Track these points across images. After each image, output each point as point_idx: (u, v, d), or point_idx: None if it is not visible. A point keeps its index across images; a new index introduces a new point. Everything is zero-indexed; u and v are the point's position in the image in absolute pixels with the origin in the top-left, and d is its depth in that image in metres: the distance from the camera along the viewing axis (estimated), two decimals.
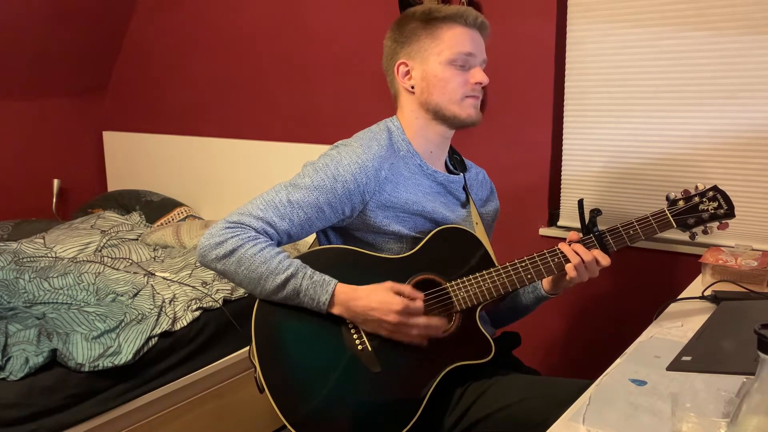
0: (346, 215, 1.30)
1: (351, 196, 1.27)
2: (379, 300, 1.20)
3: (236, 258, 1.21)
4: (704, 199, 1.30)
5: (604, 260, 1.29)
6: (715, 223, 1.31)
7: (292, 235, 1.28)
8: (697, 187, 1.32)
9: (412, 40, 1.33)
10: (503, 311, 1.50)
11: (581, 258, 1.27)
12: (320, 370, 1.21)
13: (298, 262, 1.23)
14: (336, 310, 1.22)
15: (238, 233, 1.23)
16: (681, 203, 1.31)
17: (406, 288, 1.22)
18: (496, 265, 1.32)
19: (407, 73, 1.35)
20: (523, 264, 1.30)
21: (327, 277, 1.22)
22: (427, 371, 1.24)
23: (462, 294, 1.28)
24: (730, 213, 1.30)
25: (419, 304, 1.22)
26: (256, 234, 1.24)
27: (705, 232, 1.31)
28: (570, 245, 1.30)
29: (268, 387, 1.20)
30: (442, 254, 1.31)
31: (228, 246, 1.22)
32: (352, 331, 1.24)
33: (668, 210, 1.31)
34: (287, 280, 1.20)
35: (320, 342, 1.23)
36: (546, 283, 1.40)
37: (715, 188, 1.31)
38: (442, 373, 1.25)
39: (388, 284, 1.22)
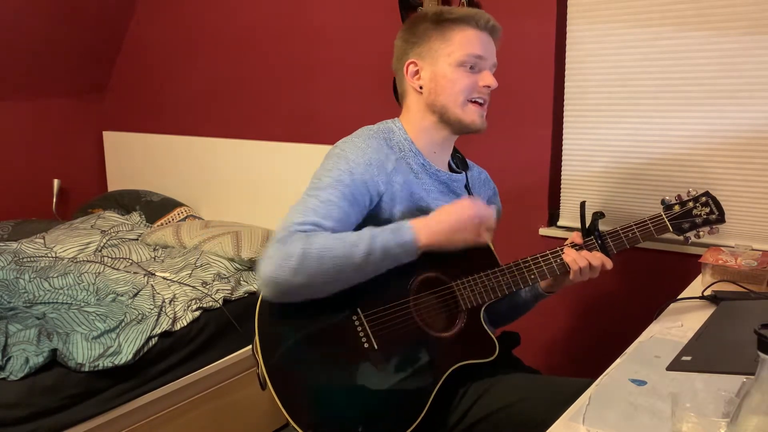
0: (368, 208, 1.29)
1: (368, 187, 1.27)
2: (451, 208, 1.23)
3: (313, 256, 1.14)
4: (698, 204, 1.34)
5: (608, 264, 1.30)
6: (707, 228, 1.34)
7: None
8: (689, 192, 1.35)
9: (422, 40, 1.33)
10: (502, 310, 1.50)
11: (585, 260, 1.28)
12: (324, 367, 1.21)
13: (364, 228, 1.21)
14: (423, 241, 1.21)
15: (295, 238, 1.16)
16: (676, 208, 1.34)
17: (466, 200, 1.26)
18: (500, 264, 1.32)
19: (416, 72, 1.35)
20: (527, 264, 1.30)
21: (399, 222, 1.23)
22: (432, 370, 1.24)
23: (467, 293, 1.28)
24: (721, 218, 1.33)
25: (477, 200, 1.26)
26: (310, 232, 1.19)
27: (697, 237, 1.35)
28: (573, 247, 1.31)
29: (270, 382, 1.20)
30: (447, 252, 1.31)
31: (295, 252, 1.13)
32: (358, 329, 1.24)
33: (665, 214, 1.33)
34: (372, 244, 1.17)
35: (325, 339, 1.22)
36: (545, 280, 1.40)
37: (707, 194, 1.34)
38: (447, 373, 1.25)
39: (453, 202, 1.26)
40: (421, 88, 1.34)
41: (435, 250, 1.22)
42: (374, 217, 1.30)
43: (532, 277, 1.30)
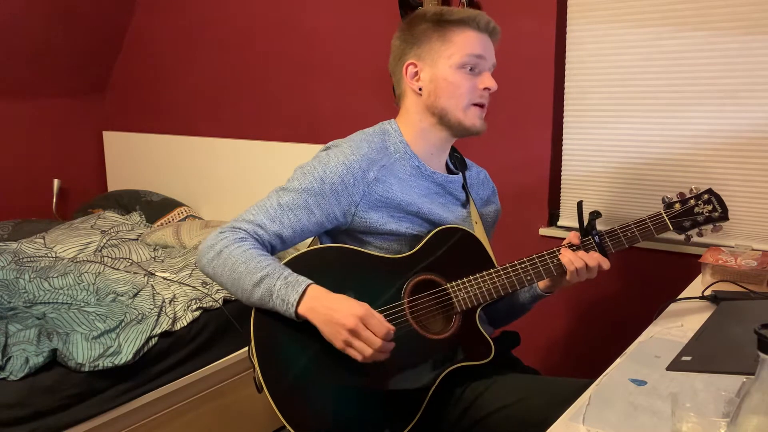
0: (339, 220, 1.29)
1: (339, 198, 1.27)
2: (345, 303, 1.16)
3: (223, 259, 1.23)
4: (699, 202, 1.32)
5: (604, 264, 1.29)
6: (710, 226, 1.33)
7: (284, 239, 1.28)
8: (691, 190, 1.33)
9: (422, 41, 1.32)
10: (500, 310, 1.50)
11: (581, 261, 1.28)
12: (320, 370, 1.21)
13: (278, 264, 1.21)
14: (302, 310, 1.17)
15: (228, 236, 1.25)
16: (677, 206, 1.32)
17: (379, 316, 1.17)
18: (496, 265, 1.32)
19: (416, 74, 1.34)
20: (523, 265, 1.30)
21: (302, 278, 1.19)
22: (428, 372, 1.24)
23: (462, 295, 1.28)
24: (724, 216, 1.32)
25: (387, 325, 1.16)
26: (245, 236, 1.25)
27: (699, 235, 1.34)
28: (570, 248, 1.30)
29: (266, 386, 1.20)
30: (442, 254, 1.31)
31: (217, 248, 1.24)
32: None
33: (665, 213, 1.32)
34: (262, 279, 1.19)
35: (320, 342, 1.22)
36: (542, 281, 1.39)
37: (709, 191, 1.33)
38: (442, 374, 1.25)
39: (366, 305, 1.17)
40: (420, 89, 1.34)
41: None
42: (360, 223, 1.30)
43: (528, 278, 1.30)
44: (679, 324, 1.28)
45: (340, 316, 1.15)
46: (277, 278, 1.19)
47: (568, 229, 2.16)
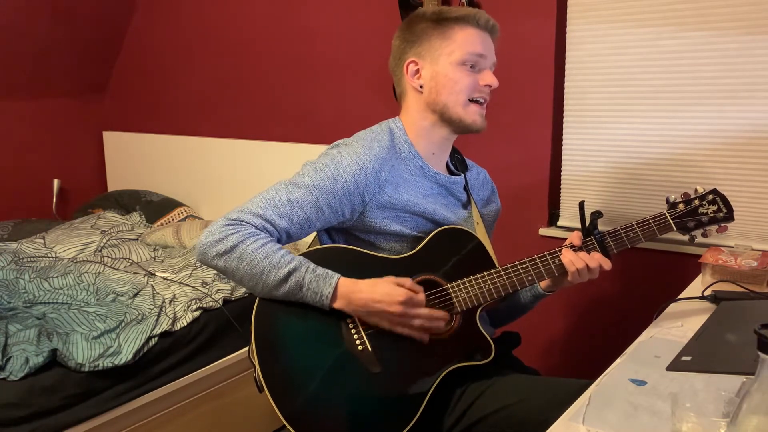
0: (345, 216, 1.29)
1: (350, 197, 1.27)
2: (383, 291, 1.20)
3: (237, 254, 1.21)
4: (704, 203, 1.30)
5: (605, 264, 1.29)
6: (714, 227, 1.31)
7: (291, 234, 1.28)
8: (696, 190, 1.32)
9: (422, 39, 1.33)
10: (502, 310, 1.50)
11: (582, 262, 1.28)
12: (320, 370, 1.21)
13: (300, 257, 1.24)
14: (338, 304, 1.22)
15: (238, 230, 1.23)
16: (681, 206, 1.31)
17: (408, 281, 1.23)
18: (497, 266, 1.32)
19: (416, 72, 1.34)
20: (524, 265, 1.30)
21: (330, 271, 1.22)
22: (427, 372, 1.24)
23: (463, 295, 1.28)
24: (730, 216, 1.30)
25: (422, 296, 1.23)
26: (256, 231, 1.24)
27: (704, 236, 1.32)
28: (571, 248, 1.30)
29: (267, 387, 1.20)
30: (443, 255, 1.31)
31: (229, 242, 1.22)
32: (353, 330, 1.24)
33: (668, 213, 1.31)
34: (290, 274, 1.20)
35: (320, 342, 1.22)
36: (543, 281, 1.39)
37: (714, 191, 1.31)
38: (442, 374, 1.25)
39: (390, 278, 1.23)
40: (421, 87, 1.34)
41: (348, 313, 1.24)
42: (365, 222, 1.31)
43: (529, 278, 1.30)
44: (679, 324, 1.28)
45: (384, 305, 1.20)
46: (305, 271, 1.21)
47: (568, 229, 2.16)
